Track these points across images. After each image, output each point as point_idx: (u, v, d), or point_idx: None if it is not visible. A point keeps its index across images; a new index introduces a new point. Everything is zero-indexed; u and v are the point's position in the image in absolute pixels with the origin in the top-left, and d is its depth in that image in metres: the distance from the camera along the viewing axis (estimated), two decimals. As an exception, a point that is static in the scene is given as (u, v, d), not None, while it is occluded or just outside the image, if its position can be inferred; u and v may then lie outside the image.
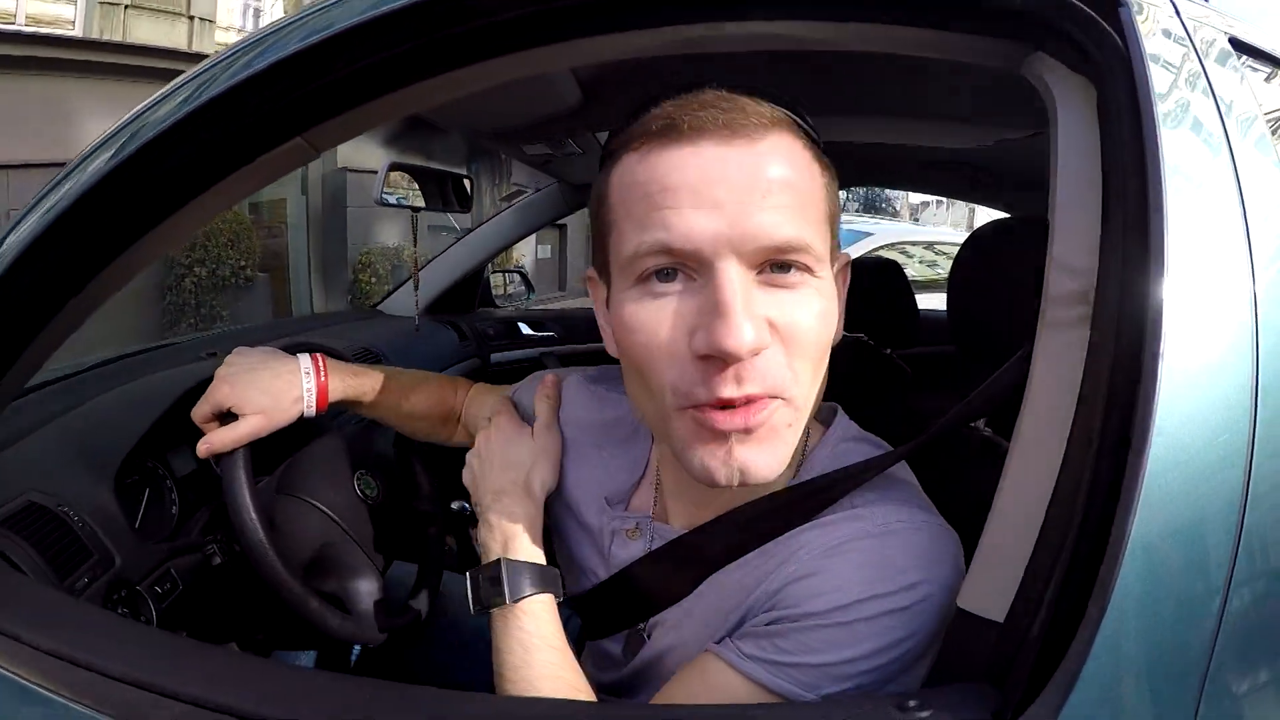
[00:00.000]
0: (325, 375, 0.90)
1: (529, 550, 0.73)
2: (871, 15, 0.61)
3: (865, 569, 0.58)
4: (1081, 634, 0.42)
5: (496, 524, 0.75)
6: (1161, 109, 0.53)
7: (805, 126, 0.61)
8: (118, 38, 5.63)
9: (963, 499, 0.65)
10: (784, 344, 0.56)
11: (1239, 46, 0.66)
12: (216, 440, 0.84)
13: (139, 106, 0.64)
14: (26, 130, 5.15)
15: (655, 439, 0.76)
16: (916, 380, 1.68)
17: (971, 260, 1.27)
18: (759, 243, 0.55)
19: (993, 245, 1.22)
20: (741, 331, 0.53)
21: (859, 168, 2.34)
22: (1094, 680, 0.42)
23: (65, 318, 0.72)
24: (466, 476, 0.83)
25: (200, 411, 0.87)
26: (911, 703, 0.46)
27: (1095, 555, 0.44)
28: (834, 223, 0.61)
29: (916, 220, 10.52)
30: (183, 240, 0.72)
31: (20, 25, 5.27)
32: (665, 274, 0.57)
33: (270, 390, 0.86)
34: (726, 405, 0.55)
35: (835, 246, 0.62)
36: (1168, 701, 0.45)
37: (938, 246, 5.54)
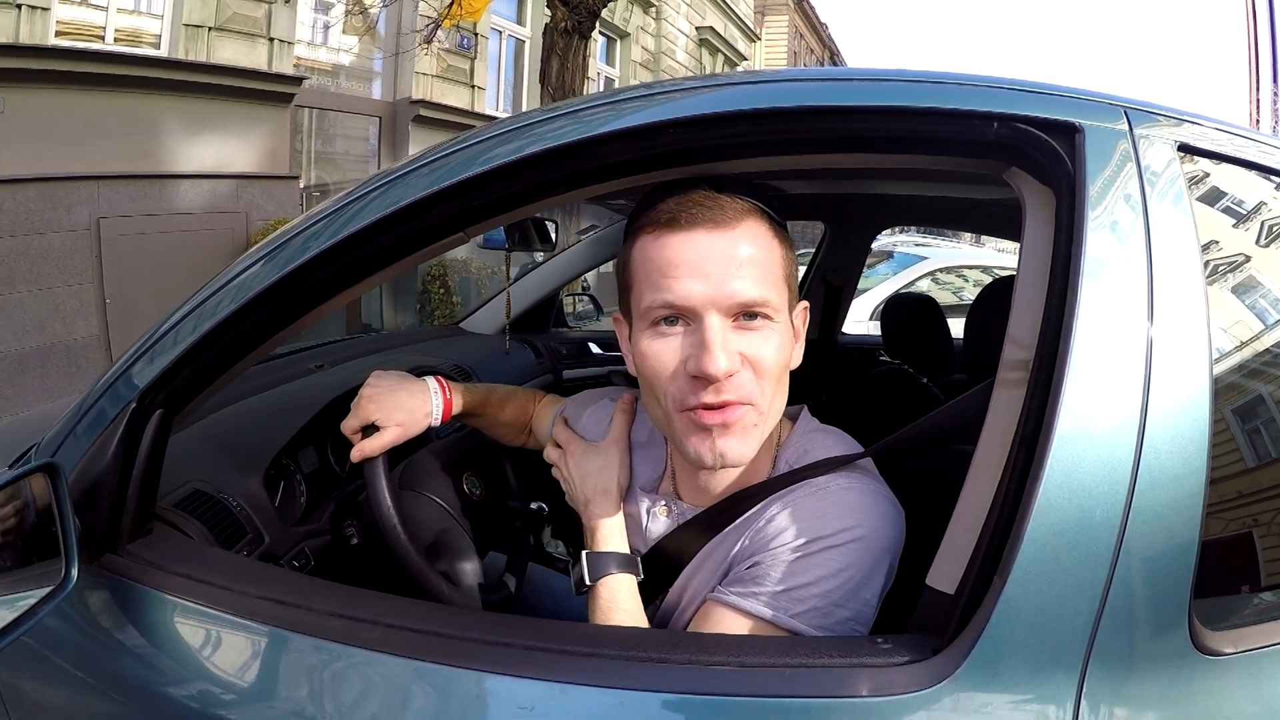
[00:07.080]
0: (449, 394, 1.11)
1: (613, 543, 0.93)
2: (891, 150, 0.81)
3: (811, 519, 0.81)
4: (989, 598, 0.61)
5: (590, 525, 0.95)
6: (1092, 219, 0.69)
7: (769, 212, 0.83)
8: (202, 58, 5.77)
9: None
10: (752, 369, 0.79)
11: (1188, 150, 0.78)
12: (368, 447, 1.03)
13: (343, 196, 0.85)
14: (115, 143, 5.36)
15: (666, 439, 0.97)
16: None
17: (984, 306, 1.43)
18: (733, 301, 0.78)
19: (1004, 297, 1.40)
20: (718, 361, 0.76)
21: (909, 213, 2.48)
22: (997, 628, 0.61)
23: (267, 346, 0.91)
24: (568, 494, 1.02)
25: (350, 424, 1.06)
26: (880, 639, 0.67)
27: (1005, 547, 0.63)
28: (792, 280, 0.84)
29: (979, 243, 10.39)
30: (356, 296, 0.93)
31: (109, 42, 5.41)
32: (670, 320, 0.80)
33: (407, 407, 1.07)
34: (710, 408, 0.78)
35: (794, 298, 0.85)
36: (1058, 645, 0.63)
37: (995, 271, 5.50)
